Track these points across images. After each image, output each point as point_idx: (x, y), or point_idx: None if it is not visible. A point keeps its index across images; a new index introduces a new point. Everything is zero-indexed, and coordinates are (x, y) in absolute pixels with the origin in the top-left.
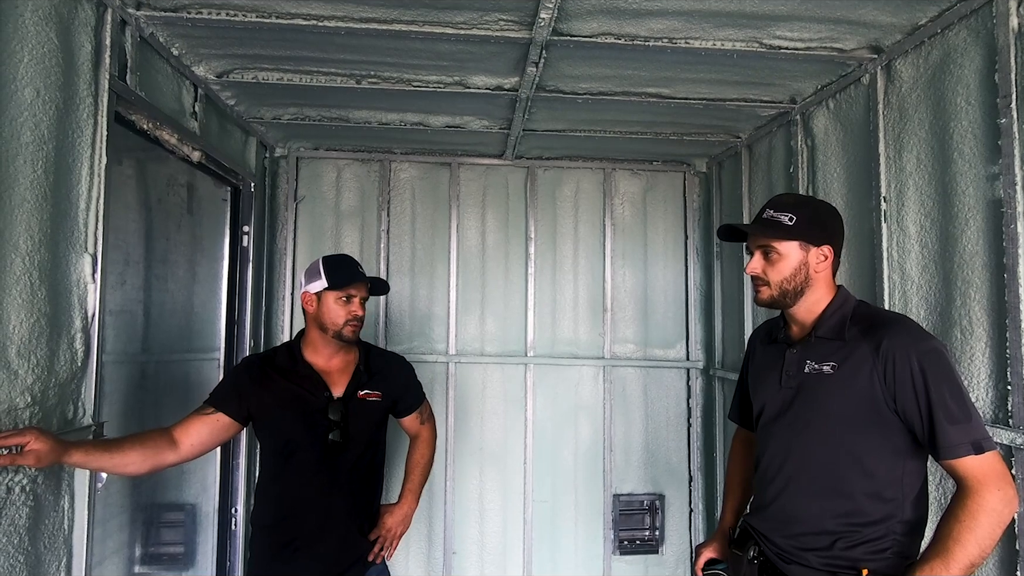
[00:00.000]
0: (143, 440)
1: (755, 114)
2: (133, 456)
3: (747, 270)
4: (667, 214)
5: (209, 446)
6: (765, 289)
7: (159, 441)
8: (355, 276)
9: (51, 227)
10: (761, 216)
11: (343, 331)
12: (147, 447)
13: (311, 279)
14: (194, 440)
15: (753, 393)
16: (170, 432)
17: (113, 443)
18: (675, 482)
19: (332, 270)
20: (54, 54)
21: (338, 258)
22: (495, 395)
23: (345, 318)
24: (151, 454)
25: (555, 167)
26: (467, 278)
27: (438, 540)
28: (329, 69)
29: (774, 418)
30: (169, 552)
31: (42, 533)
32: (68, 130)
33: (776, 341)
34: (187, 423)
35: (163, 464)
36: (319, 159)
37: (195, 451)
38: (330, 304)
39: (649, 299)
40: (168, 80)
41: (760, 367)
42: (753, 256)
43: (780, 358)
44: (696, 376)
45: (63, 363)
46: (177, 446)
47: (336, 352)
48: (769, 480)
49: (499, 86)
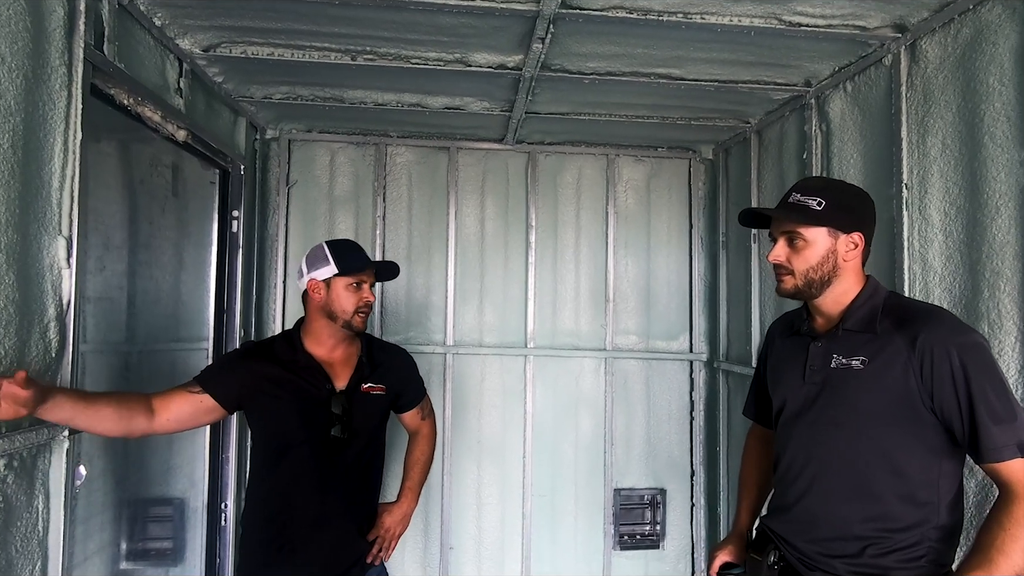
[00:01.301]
0: (119, 400)
1: (767, 97)
2: (107, 413)
3: (769, 257)
4: (671, 202)
5: (187, 425)
6: (789, 278)
7: (135, 406)
8: (367, 261)
9: (20, 207)
10: (787, 200)
11: (353, 320)
12: (122, 408)
13: (316, 265)
14: (172, 415)
15: (772, 388)
16: (150, 400)
17: (92, 397)
18: (677, 476)
19: (341, 255)
20: (20, 17)
21: (343, 242)
22: (494, 387)
23: (356, 305)
24: (125, 416)
25: (557, 153)
26: (465, 267)
27: (435, 535)
28: (323, 44)
29: (796, 415)
30: (157, 548)
31: (13, 536)
32: (39, 102)
33: (798, 334)
34: (169, 396)
35: (135, 430)
36: (312, 142)
37: (170, 427)
38: (340, 291)
39: (652, 290)
40: (150, 53)
41: (780, 361)
42: (776, 243)
43: (803, 352)
44: (699, 369)
45: (35, 354)
46: (153, 416)
47: (339, 343)
48: (791, 480)
49: (502, 64)
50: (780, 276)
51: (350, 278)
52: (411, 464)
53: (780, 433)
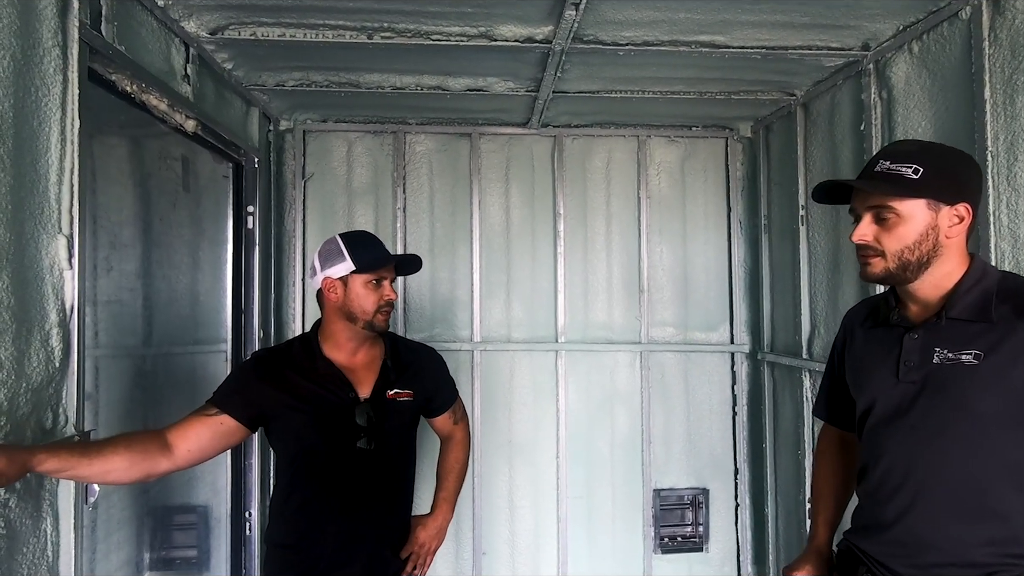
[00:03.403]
0: (130, 444)
1: (818, 65)
2: (118, 462)
3: (854, 237)
4: (708, 185)
5: (209, 453)
6: (878, 261)
7: (149, 446)
8: (387, 256)
9: (12, 202)
10: (873, 169)
11: (375, 320)
12: (134, 452)
13: (331, 262)
14: (192, 445)
15: (856, 387)
16: (163, 435)
17: (94, 447)
18: (720, 475)
19: (357, 249)
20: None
21: (359, 235)
22: (524, 384)
23: (377, 304)
24: (139, 460)
25: (585, 136)
26: (491, 259)
27: (466, 540)
28: (337, 21)
29: (891, 418)
30: (182, 556)
31: (19, 564)
32: (30, 87)
33: (886, 323)
34: (185, 425)
35: (154, 473)
36: (328, 132)
37: (192, 458)
38: (358, 289)
39: (689, 278)
40: (154, 36)
41: (864, 355)
42: (861, 220)
43: (895, 345)
44: (741, 361)
45: (36, 364)
46: (171, 452)
47: (361, 346)
48: (888, 495)
49: (530, 37)
50: (867, 258)
51: (369, 275)
52: (445, 472)
53: (869, 439)
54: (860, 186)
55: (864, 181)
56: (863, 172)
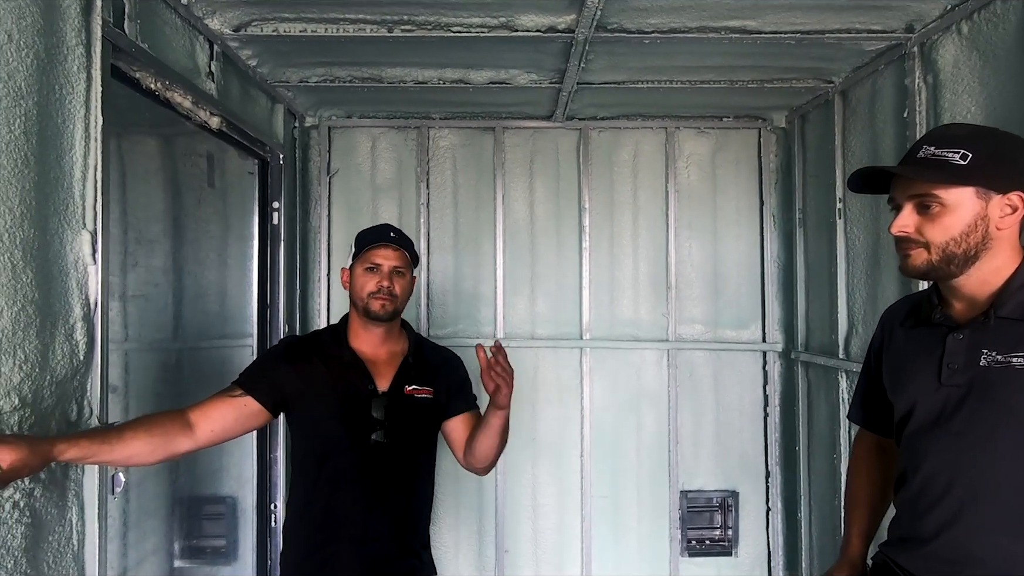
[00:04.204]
0: (150, 426)
1: (858, 49)
2: (138, 446)
3: (893, 229)
4: (739, 177)
5: (231, 433)
6: (920, 253)
7: (170, 427)
8: (378, 238)
9: (36, 199)
10: (915, 155)
11: (369, 304)
12: (155, 434)
13: (349, 255)
14: (215, 425)
15: (893, 390)
16: (185, 415)
17: (115, 433)
18: (750, 478)
19: (359, 239)
20: None
21: (373, 227)
22: (548, 382)
23: (369, 290)
24: (160, 442)
25: (611, 128)
26: (515, 254)
27: (489, 537)
28: (357, 15)
29: (932, 424)
30: (212, 546)
31: (44, 552)
32: (55, 84)
33: (927, 322)
34: (208, 405)
35: (175, 453)
36: (352, 128)
37: (214, 437)
38: (358, 276)
39: (719, 274)
40: (178, 33)
41: (903, 356)
42: (902, 210)
43: (936, 345)
44: (774, 360)
45: (60, 357)
46: (193, 431)
47: (382, 340)
48: (928, 506)
49: (552, 27)
50: (907, 250)
51: (365, 261)
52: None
53: (908, 445)
54: (901, 172)
55: (905, 167)
56: (905, 158)
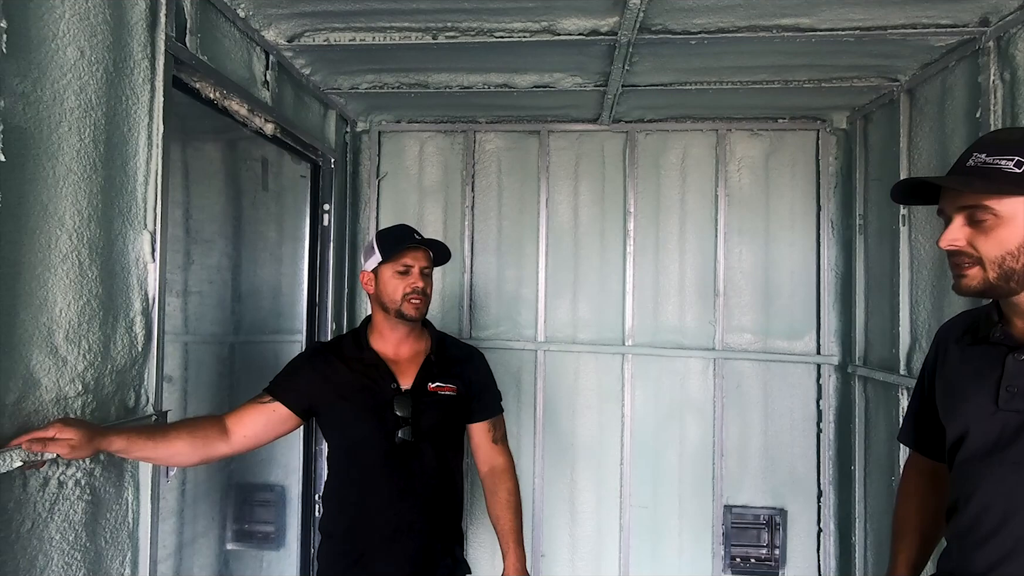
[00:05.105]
0: (192, 429)
1: (925, 45)
2: (180, 446)
3: (942, 242)
4: (795, 181)
5: (263, 439)
6: (974, 271)
7: (210, 431)
8: (408, 240)
9: (103, 202)
10: (965, 164)
11: (403, 308)
12: (196, 437)
13: (367, 257)
14: (248, 431)
15: (946, 412)
16: (223, 421)
17: (159, 431)
18: (800, 496)
19: (386, 242)
20: (99, 10)
21: (391, 228)
22: (588, 387)
23: (403, 292)
24: (200, 445)
25: (659, 131)
26: (558, 258)
27: (525, 541)
28: (402, 23)
29: (987, 451)
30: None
31: (103, 528)
32: (121, 96)
33: (985, 341)
34: (242, 412)
35: (213, 456)
36: (401, 132)
37: (248, 443)
38: (387, 279)
39: (771, 281)
40: (237, 46)
41: (959, 377)
42: (952, 222)
43: (995, 366)
44: (829, 373)
45: (120, 348)
46: (229, 436)
47: (404, 338)
48: (980, 540)
49: (594, 30)
50: (960, 268)
51: (394, 264)
52: (500, 510)
53: (960, 473)
54: (946, 184)
55: (953, 177)
56: (954, 167)
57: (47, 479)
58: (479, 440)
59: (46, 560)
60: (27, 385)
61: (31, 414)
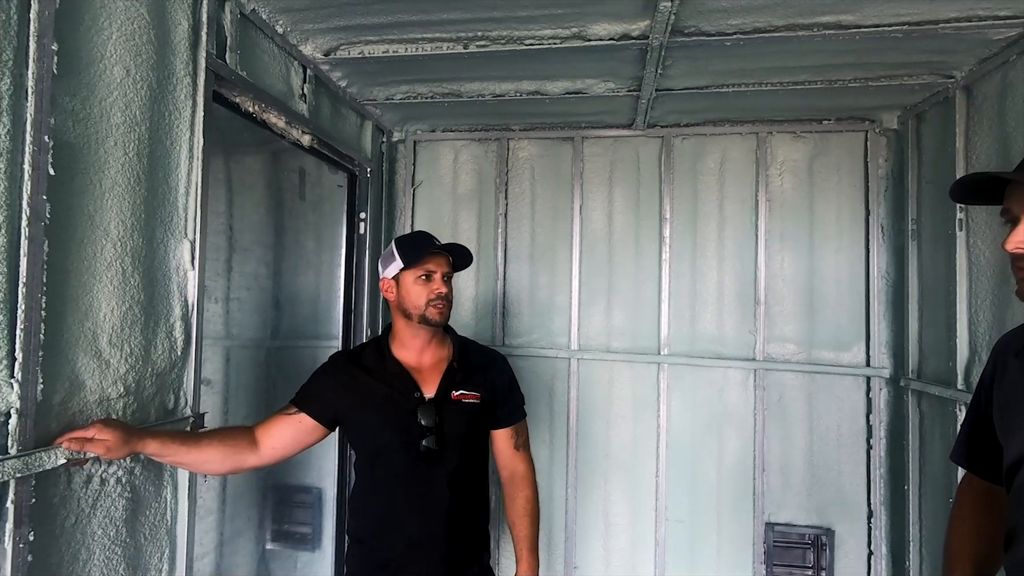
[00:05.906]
0: (224, 439)
1: (982, 39)
2: (212, 454)
3: (1008, 245)
4: (841, 185)
5: (292, 449)
6: None
7: (240, 442)
8: (430, 247)
9: (145, 212)
10: None
11: (427, 313)
12: (227, 446)
13: (387, 264)
14: (276, 443)
15: (1004, 430)
16: (252, 432)
17: (193, 438)
18: (849, 516)
19: (406, 248)
20: (145, 31)
21: (410, 235)
22: (623, 397)
23: (427, 298)
24: (231, 454)
25: (696, 135)
26: (592, 265)
27: (558, 552)
28: (434, 34)
29: None
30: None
31: (142, 524)
32: (164, 112)
33: None
34: (269, 423)
35: (243, 466)
36: (436, 141)
37: (276, 454)
38: (409, 286)
39: (816, 290)
40: (275, 61)
41: (1016, 392)
42: (1019, 223)
43: None
44: (880, 387)
45: (161, 352)
46: (258, 448)
47: (426, 346)
48: None
49: (625, 34)
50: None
51: (417, 270)
52: (516, 517)
53: (1018, 498)
54: (1018, 178)
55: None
56: (1021, 164)
57: (90, 476)
58: (501, 446)
59: (88, 554)
60: (72, 386)
61: (76, 414)
